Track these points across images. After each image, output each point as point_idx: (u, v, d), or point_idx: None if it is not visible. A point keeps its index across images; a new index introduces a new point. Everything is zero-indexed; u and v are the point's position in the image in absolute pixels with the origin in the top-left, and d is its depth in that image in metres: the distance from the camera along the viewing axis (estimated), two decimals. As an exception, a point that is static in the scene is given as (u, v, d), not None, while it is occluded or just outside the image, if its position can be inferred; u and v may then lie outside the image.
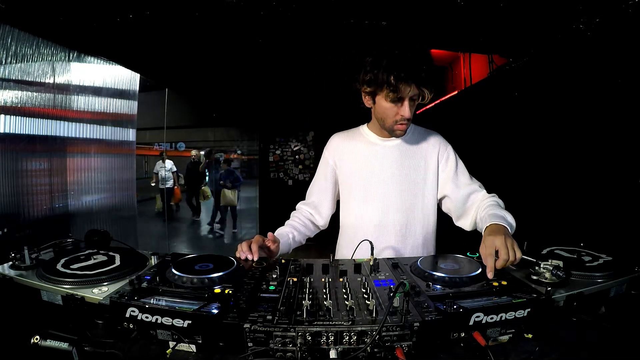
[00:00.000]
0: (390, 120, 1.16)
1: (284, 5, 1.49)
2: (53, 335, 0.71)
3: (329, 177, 1.37)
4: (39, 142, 1.61)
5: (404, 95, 1.09)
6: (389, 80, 1.06)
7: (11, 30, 1.40)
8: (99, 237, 1.23)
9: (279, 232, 1.28)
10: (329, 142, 1.38)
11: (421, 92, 1.09)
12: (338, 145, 1.35)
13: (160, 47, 2.09)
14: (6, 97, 1.44)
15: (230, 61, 2.88)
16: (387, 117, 1.16)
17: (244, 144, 7.63)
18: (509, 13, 1.51)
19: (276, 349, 0.72)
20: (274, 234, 1.21)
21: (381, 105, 1.14)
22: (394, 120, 1.15)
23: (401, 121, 1.15)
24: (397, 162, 1.27)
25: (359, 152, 1.30)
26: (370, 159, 1.28)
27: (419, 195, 1.29)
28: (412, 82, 1.06)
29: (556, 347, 0.79)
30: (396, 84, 1.06)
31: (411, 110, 1.12)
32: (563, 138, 1.89)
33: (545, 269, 0.93)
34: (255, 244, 1.08)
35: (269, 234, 1.17)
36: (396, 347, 0.72)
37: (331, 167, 1.36)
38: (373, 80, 1.11)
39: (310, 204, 1.39)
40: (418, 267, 1.00)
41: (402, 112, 1.12)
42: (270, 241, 1.13)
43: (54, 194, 1.70)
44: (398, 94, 1.08)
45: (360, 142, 1.31)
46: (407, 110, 1.10)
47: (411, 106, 1.12)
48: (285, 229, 1.32)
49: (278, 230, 1.30)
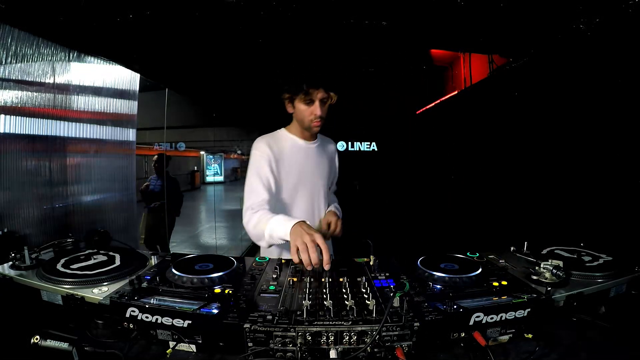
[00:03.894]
0: (307, 120, 1.40)
1: (284, 5, 1.49)
2: (53, 335, 0.71)
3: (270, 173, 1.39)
4: (39, 142, 1.61)
5: (314, 98, 1.35)
6: (302, 87, 1.34)
7: (11, 30, 1.40)
8: (99, 237, 1.23)
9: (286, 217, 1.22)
10: (259, 143, 1.45)
11: (328, 94, 1.37)
12: (271, 145, 1.44)
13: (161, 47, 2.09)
14: (6, 97, 1.44)
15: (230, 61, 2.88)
16: (304, 117, 1.40)
17: (244, 144, 7.63)
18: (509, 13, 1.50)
19: (276, 349, 0.72)
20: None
21: (299, 108, 1.40)
22: (310, 119, 1.39)
23: (315, 119, 1.38)
24: (318, 160, 1.54)
25: (290, 151, 1.47)
26: (299, 158, 1.48)
27: (327, 185, 1.60)
28: (319, 86, 1.34)
29: (556, 347, 0.79)
30: (307, 89, 1.34)
31: (322, 110, 1.38)
32: (563, 138, 1.89)
33: (545, 269, 0.93)
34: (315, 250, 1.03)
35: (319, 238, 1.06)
36: (396, 347, 0.72)
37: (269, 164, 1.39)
38: (290, 89, 1.39)
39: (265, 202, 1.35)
40: (418, 267, 1.00)
41: (315, 112, 1.37)
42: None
43: (54, 193, 1.70)
44: (309, 97, 1.35)
45: (288, 143, 1.49)
46: (319, 109, 1.37)
47: (322, 106, 1.37)
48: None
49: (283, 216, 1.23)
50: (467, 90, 3.24)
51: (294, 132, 1.51)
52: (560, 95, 1.90)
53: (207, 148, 16.26)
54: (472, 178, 3.10)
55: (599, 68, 1.59)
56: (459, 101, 3.32)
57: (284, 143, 1.47)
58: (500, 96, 2.53)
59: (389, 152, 5.81)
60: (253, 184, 1.37)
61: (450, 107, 3.55)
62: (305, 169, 1.49)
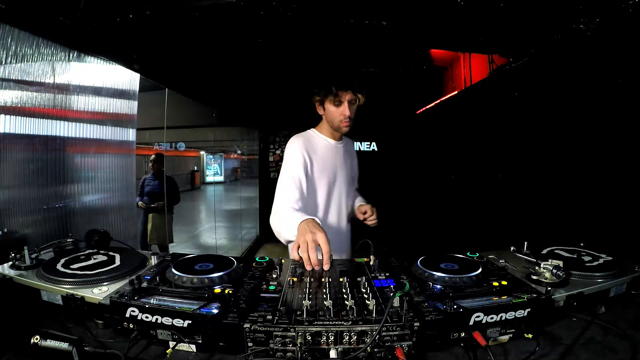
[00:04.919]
0: (337, 120, 1.47)
1: (284, 5, 1.49)
2: (53, 335, 0.71)
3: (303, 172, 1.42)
4: (39, 142, 1.61)
5: (343, 100, 1.43)
6: (331, 90, 1.42)
7: (11, 30, 1.40)
8: (99, 237, 1.23)
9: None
10: (293, 143, 1.49)
11: (356, 96, 1.44)
12: (305, 145, 1.48)
13: (161, 47, 2.09)
14: (6, 97, 1.43)
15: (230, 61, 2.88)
16: (334, 117, 1.47)
17: (244, 144, 7.62)
18: (509, 13, 1.51)
19: (276, 349, 0.72)
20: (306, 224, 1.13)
21: (329, 110, 1.48)
22: (340, 120, 1.46)
23: (344, 119, 1.45)
24: (345, 159, 1.61)
25: (322, 151, 1.53)
26: (331, 157, 1.55)
27: (351, 184, 1.67)
28: (348, 89, 1.42)
29: (556, 347, 0.79)
30: (336, 91, 1.42)
31: (351, 110, 1.45)
32: (563, 138, 1.89)
33: (545, 269, 0.93)
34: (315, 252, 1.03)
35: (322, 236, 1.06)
36: (396, 347, 0.72)
37: (302, 163, 1.43)
38: (321, 91, 1.47)
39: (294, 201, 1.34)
40: (418, 267, 1.00)
41: (344, 112, 1.44)
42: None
43: (54, 193, 1.70)
44: (339, 99, 1.43)
45: (320, 142, 1.55)
46: (347, 110, 1.44)
47: (350, 107, 1.44)
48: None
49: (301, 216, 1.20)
50: (467, 90, 3.24)
51: (324, 132, 1.57)
52: (560, 95, 1.90)
53: (207, 148, 16.26)
54: (472, 178, 3.10)
55: (598, 68, 1.59)
56: (459, 101, 3.32)
57: (316, 143, 1.54)
58: (500, 96, 2.53)
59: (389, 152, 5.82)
60: (284, 182, 1.40)
61: (450, 107, 3.55)
62: (336, 167, 1.56)
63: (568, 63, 1.78)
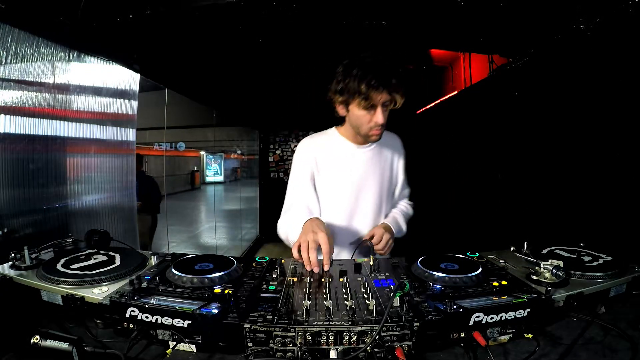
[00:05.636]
0: (365, 127, 1.17)
1: (284, 5, 1.49)
2: (53, 335, 0.71)
3: (309, 177, 1.32)
4: (39, 142, 1.61)
5: (376, 103, 1.10)
6: (360, 89, 1.07)
7: (11, 30, 1.40)
8: (99, 237, 1.23)
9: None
10: (304, 145, 1.33)
11: (393, 97, 1.10)
12: (317, 148, 1.31)
13: (160, 47, 2.09)
14: (6, 97, 1.43)
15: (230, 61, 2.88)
16: (361, 124, 1.17)
17: (244, 144, 7.62)
18: (509, 13, 1.51)
19: (276, 349, 0.72)
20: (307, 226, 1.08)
21: (355, 114, 1.15)
22: (369, 127, 1.16)
23: (376, 127, 1.16)
24: (370, 166, 1.32)
25: (337, 156, 1.30)
26: (347, 164, 1.30)
27: (385, 196, 1.39)
28: (383, 89, 1.07)
29: (556, 347, 0.79)
30: (367, 92, 1.07)
31: (384, 116, 1.13)
32: (563, 138, 1.89)
33: (545, 269, 0.93)
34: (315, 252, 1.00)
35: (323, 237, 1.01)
36: (396, 347, 0.72)
37: (310, 168, 1.30)
38: (345, 89, 1.12)
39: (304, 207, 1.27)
40: (418, 267, 1.00)
41: (375, 119, 1.13)
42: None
43: (54, 193, 1.70)
44: (370, 102, 1.09)
45: (337, 146, 1.31)
46: (381, 116, 1.12)
47: (384, 112, 1.13)
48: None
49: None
50: (467, 90, 3.25)
51: (345, 134, 1.31)
52: (560, 95, 1.90)
53: (207, 148, 16.26)
54: (472, 178, 3.10)
55: (598, 68, 1.59)
56: (459, 101, 3.32)
57: (332, 146, 1.31)
58: (500, 96, 2.53)
59: (389, 152, 5.80)
60: (291, 186, 1.33)
61: (450, 107, 3.55)
62: (357, 177, 1.30)
63: (568, 63, 1.78)
